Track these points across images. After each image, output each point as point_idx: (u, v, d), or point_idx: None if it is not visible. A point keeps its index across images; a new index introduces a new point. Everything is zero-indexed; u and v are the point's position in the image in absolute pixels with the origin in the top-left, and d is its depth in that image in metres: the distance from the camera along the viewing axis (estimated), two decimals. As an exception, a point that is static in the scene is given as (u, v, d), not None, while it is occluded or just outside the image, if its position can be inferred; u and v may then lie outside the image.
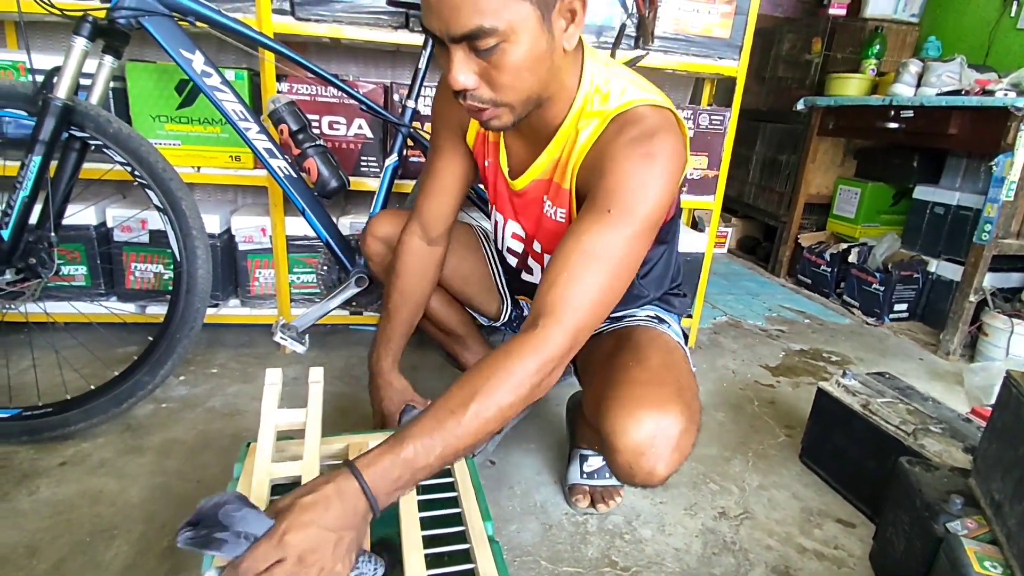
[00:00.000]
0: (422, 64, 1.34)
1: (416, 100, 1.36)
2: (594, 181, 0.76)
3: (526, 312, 1.18)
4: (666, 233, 0.95)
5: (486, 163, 0.96)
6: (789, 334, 2.11)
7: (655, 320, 1.02)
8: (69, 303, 1.50)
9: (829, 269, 2.52)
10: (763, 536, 1.09)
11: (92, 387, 1.19)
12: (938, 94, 2.07)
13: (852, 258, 2.41)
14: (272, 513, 0.58)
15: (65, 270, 1.52)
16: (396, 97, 1.50)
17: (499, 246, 1.05)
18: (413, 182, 1.52)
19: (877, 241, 2.37)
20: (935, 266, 2.24)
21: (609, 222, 0.72)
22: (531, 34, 0.68)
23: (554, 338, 0.69)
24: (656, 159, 0.73)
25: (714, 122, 1.69)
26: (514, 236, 1.00)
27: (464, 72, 0.69)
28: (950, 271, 2.18)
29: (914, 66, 2.20)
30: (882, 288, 2.25)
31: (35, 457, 1.13)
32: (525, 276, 1.01)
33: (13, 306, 1.16)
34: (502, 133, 0.91)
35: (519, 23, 0.67)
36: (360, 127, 1.53)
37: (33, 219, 1.14)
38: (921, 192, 2.33)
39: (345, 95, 1.44)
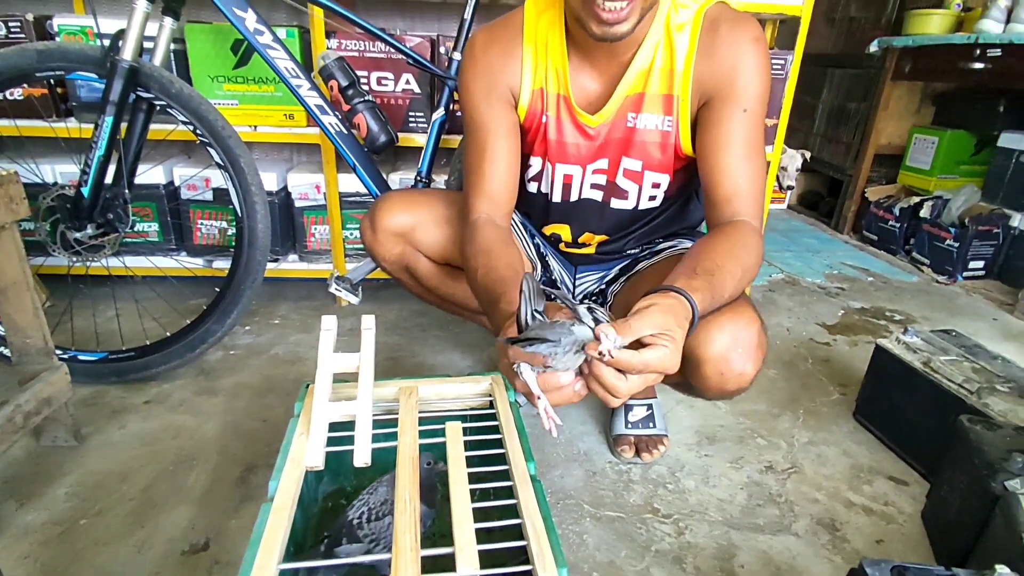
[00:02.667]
0: (468, 14, 1.32)
1: (462, 52, 1.34)
2: (715, 83, 0.84)
3: (555, 275, 1.16)
4: None
5: (544, 119, 0.93)
6: (850, 292, 2.02)
7: None
8: (146, 258, 1.61)
9: (898, 224, 2.38)
10: (810, 490, 1.08)
11: (168, 334, 1.29)
12: (1032, 29, 1.88)
13: (924, 212, 2.26)
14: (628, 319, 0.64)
15: (139, 227, 1.62)
16: (442, 50, 1.50)
17: (572, 199, 1.00)
18: (460, 137, 1.52)
19: (954, 194, 2.21)
20: (1018, 220, 2.08)
21: (748, 120, 0.83)
22: None
23: (757, 224, 0.83)
24: (760, 40, 0.83)
25: (774, 66, 1.60)
26: (596, 172, 0.97)
27: None
28: (1035, 225, 2.02)
29: (1004, 0, 1.99)
30: (956, 244, 2.11)
31: (123, 396, 1.24)
32: (616, 204, 0.98)
33: (96, 259, 1.25)
34: (568, 77, 0.89)
35: None
36: (408, 82, 1.54)
37: (108, 178, 1.22)
38: (1007, 139, 2.15)
39: (392, 50, 1.44)
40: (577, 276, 1.16)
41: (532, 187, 1.03)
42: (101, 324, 1.50)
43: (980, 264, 2.14)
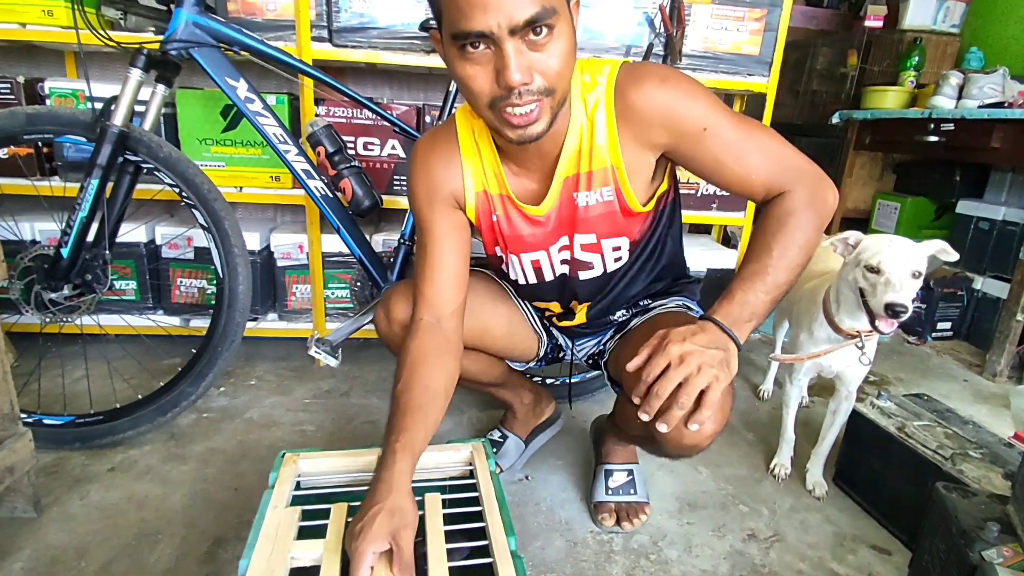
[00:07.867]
0: (452, 86, 1.38)
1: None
2: (659, 136, 0.84)
3: (559, 341, 1.17)
4: (672, 215, 0.99)
5: (494, 218, 0.94)
6: (824, 352, 2.05)
7: (684, 308, 1.06)
8: (120, 316, 1.58)
9: (867, 285, 2.45)
10: (794, 560, 1.06)
11: (140, 396, 1.26)
12: (980, 107, 2.01)
13: (891, 274, 2.34)
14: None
15: (116, 285, 1.60)
16: (428, 119, 1.55)
17: (548, 279, 1.00)
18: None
19: (918, 257, 2.30)
20: (980, 283, 2.16)
21: (715, 132, 0.82)
22: (567, 21, 0.74)
23: (800, 189, 0.82)
24: (667, 78, 0.82)
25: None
26: (561, 249, 0.97)
27: (522, 67, 0.72)
28: (996, 288, 2.10)
29: (955, 78, 2.14)
30: (924, 306, 2.18)
31: (86, 463, 1.19)
32: (584, 275, 0.98)
33: (69, 319, 1.23)
34: (504, 179, 0.90)
35: (560, 7, 0.72)
36: (393, 147, 1.58)
37: (90, 237, 1.22)
38: (964, 207, 2.26)
39: (379, 117, 1.49)
40: (576, 345, 1.17)
41: (504, 270, 1.04)
42: (69, 385, 1.45)
43: (947, 325, 2.20)
